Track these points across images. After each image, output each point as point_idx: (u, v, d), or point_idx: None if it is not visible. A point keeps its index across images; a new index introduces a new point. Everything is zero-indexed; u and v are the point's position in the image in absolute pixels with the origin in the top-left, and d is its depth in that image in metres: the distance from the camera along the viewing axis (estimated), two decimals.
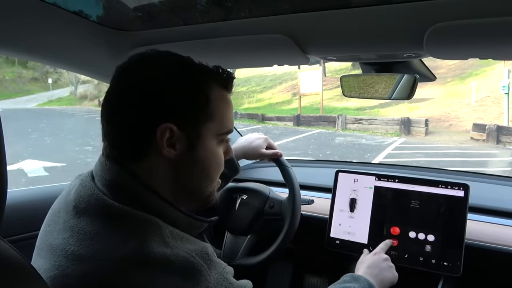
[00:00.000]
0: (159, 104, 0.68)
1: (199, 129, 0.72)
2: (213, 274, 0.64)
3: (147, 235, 0.63)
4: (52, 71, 26.10)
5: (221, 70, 0.76)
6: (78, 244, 0.65)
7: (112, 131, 0.71)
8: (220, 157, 0.77)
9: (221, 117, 0.75)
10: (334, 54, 1.06)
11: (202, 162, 0.73)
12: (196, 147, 0.72)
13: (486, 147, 9.34)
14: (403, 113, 12.66)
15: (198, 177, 0.75)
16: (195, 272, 0.63)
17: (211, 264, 0.66)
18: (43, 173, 7.34)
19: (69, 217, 0.69)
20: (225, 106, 0.76)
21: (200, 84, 0.72)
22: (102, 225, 0.65)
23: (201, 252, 0.66)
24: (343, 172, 1.39)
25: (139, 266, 0.61)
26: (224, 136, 0.77)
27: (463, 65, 15.87)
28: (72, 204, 0.70)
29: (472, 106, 12.45)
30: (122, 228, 0.64)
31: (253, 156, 1.35)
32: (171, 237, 0.65)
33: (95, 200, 0.67)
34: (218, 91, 0.75)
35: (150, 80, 0.69)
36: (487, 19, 0.71)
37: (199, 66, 0.75)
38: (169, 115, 0.68)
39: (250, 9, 0.86)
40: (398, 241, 1.25)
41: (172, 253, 0.62)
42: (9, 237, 1.21)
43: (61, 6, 0.90)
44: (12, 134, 11.62)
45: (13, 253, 0.54)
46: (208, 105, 0.72)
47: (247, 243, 1.31)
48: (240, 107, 17.67)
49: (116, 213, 0.65)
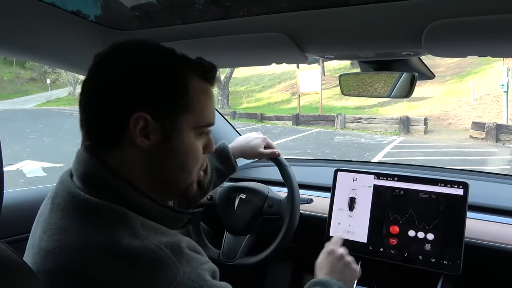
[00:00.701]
0: (134, 92, 0.67)
1: (176, 120, 0.70)
2: (183, 267, 0.62)
3: (116, 227, 0.63)
4: (51, 71, 26.08)
5: (203, 61, 0.75)
6: (49, 239, 0.65)
7: (87, 120, 0.70)
8: (197, 150, 0.75)
9: (200, 109, 0.73)
10: (332, 53, 1.05)
11: (178, 154, 0.72)
12: (172, 138, 0.70)
13: (485, 145, 9.35)
14: (402, 112, 12.67)
15: (173, 169, 0.73)
16: (162, 264, 0.61)
17: (182, 257, 0.64)
18: (41, 173, 7.32)
19: (47, 213, 0.70)
20: (205, 98, 0.75)
21: (178, 75, 0.71)
22: (72, 219, 0.65)
23: (172, 245, 0.64)
24: (342, 171, 1.39)
25: (105, 259, 0.61)
26: (203, 129, 0.75)
27: (462, 64, 15.89)
28: (50, 200, 0.71)
29: (471, 104, 12.46)
30: (91, 222, 0.64)
31: (251, 155, 1.35)
32: (143, 228, 0.65)
33: (68, 194, 0.68)
34: (198, 83, 0.73)
35: (126, 69, 0.68)
36: (485, 16, 0.71)
37: (180, 57, 0.73)
38: (143, 104, 0.67)
39: (248, 7, 0.86)
40: (397, 240, 1.25)
41: (140, 245, 0.62)
42: (6, 238, 1.21)
43: (59, 6, 0.89)
44: (11, 134, 11.61)
45: (10, 253, 0.54)
46: (186, 97, 0.71)
47: (246, 243, 1.31)
48: (239, 107, 17.67)
49: (87, 207, 0.65)
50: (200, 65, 0.74)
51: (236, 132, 1.90)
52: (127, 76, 0.68)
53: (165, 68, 0.70)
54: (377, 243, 1.28)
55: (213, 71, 0.76)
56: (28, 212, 0.75)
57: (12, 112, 19.25)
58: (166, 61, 0.71)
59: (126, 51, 0.71)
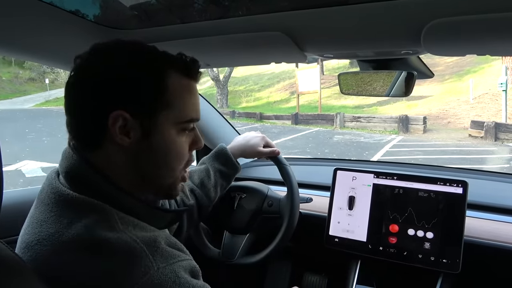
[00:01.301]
0: (111, 92, 0.69)
1: (155, 117, 0.71)
2: (158, 262, 0.63)
3: (92, 220, 0.64)
4: (49, 71, 26.03)
5: (184, 57, 0.75)
6: (30, 232, 0.68)
7: (71, 121, 0.72)
8: (180, 146, 0.75)
9: (180, 106, 0.73)
10: (332, 52, 1.05)
11: (159, 151, 0.73)
12: (152, 135, 0.71)
13: (484, 144, 9.35)
14: (401, 111, 12.67)
15: (155, 166, 0.74)
16: (136, 257, 0.62)
17: (157, 252, 0.64)
18: (40, 173, 7.31)
19: (32, 209, 0.73)
20: (186, 94, 0.75)
21: (156, 72, 0.71)
22: (51, 212, 0.67)
23: (148, 239, 0.65)
24: (341, 170, 1.39)
25: (80, 249, 0.62)
26: (186, 125, 0.75)
27: (461, 63, 15.90)
28: (37, 198, 0.73)
29: (470, 103, 12.46)
30: (69, 214, 0.66)
31: (250, 155, 1.35)
32: (121, 222, 0.66)
33: (51, 189, 0.70)
34: (179, 79, 0.73)
35: (103, 70, 0.69)
36: (484, 15, 0.71)
37: (160, 55, 0.74)
38: (121, 103, 0.68)
39: (247, 6, 0.86)
40: (397, 239, 1.25)
41: (114, 237, 0.63)
42: (6, 238, 1.21)
43: (57, 6, 0.89)
44: (10, 134, 11.60)
45: (9, 252, 0.54)
46: (165, 94, 0.71)
47: (245, 242, 1.31)
48: (238, 106, 17.66)
49: (66, 200, 0.67)
50: (181, 61, 0.74)
51: (235, 131, 1.90)
52: (104, 77, 0.69)
53: (143, 67, 0.71)
54: (376, 242, 1.28)
55: (195, 66, 0.76)
56: (27, 212, 0.75)
57: (11, 112, 19.22)
58: (144, 59, 0.72)
59: (104, 52, 0.72)
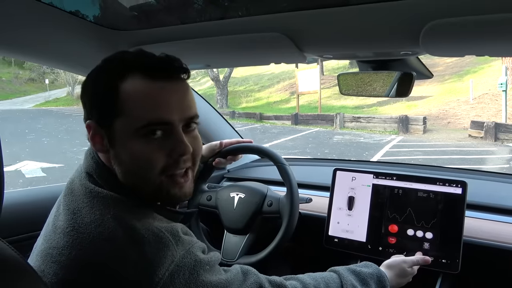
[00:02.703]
0: (84, 102, 0.75)
1: (113, 126, 0.71)
2: (179, 250, 0.68)
3: (119, 212, 0.70)
4: (49, 71, 26.04)
5: (142, 57, 0.72)
6: (64, 219, 0.72)
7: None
8: (146, 154, 0.70)
9: (136, 111, 0.69)
10: (331, 52, 1.06)
11: (124, 162, 0.72)
12: (116, 145, 0.72)
13: (484, 144, 9.35)
14: (401, 111, 12.67)
15: (130, 175, 0.74)
16: (164, 246, 0.67)
17: (179, 241, 0.70)
18: (40, 174, 7.31)
19: (61, 197, 0.79)
20: (142, 96, 0.69)
21: (108, 79, 0.71)
22: (83, 203, 0.72)
23: (171, 229, 0.70)
24: (341, 170, 1.39)
25: (113, 239, 0.67)
26: (146, 130, 0.70)
27: (461, 63, 15.90)
28: (67, 187, 0.79)
29: (470, 103, 12.46)
30: (99, 206, 0.71)
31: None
32: (142, 214, 0.71)
33: (79, 181, 0.76)
34: (134, 82, 0.70)
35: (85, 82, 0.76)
36: (483, 16, 0.71)
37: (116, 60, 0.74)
38: (90, 112, 0.74)
39: (247, 7, 0.86)
40: (396, 239, 1.25)
41: (143, 227, 0.68)
42: (7, 238, 1.21)
43: (57, 6, 0.89)
44: (9, 135, 11.59)
45: (11, 252, 0.55)
46: (117, 100, 0.70)
47: (245, 242, 1.31)
48: (238, 106, 17.66)
49: (93, 193, 0.72)
50: (144, 62, 0.72)
51: (235, 131, 1.90)
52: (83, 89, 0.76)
53: (99, 75, 0.74)
54: (376, 242, 1.28)
55: (157, 65, 0.71)
56: (28, 212, 0.76)
57: (11, 112, 19.22)
58: (102, 68, 0.75)
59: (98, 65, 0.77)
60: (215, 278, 0.71)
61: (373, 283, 0.96)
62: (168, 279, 0.65)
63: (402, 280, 1.08)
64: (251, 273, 0.79)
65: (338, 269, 0.97)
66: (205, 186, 1.42)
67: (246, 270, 0.79)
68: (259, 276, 0.80)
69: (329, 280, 0.92)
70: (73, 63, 1.26)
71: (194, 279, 0.67)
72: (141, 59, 0.72)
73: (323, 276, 0.94)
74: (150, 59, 0.72)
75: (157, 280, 0.64)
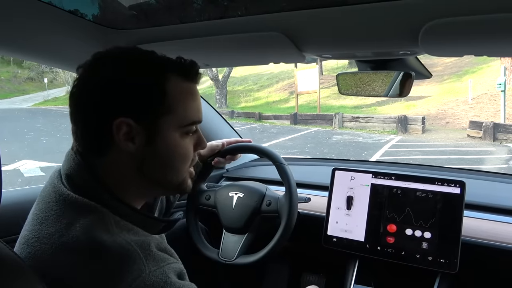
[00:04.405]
0: (114, 100, 0.70)
1: (157, 123, 0.72)
2: (150, 266, 0.64)
3: (89, 222, 0.66)
4: (48, 70, 26.00)
5: (183, 60, 0.76)
6: (30, 229, 0.70)
7: (77, 130, 0.73)
8: (184, 148, 0.77)
9: (181, 110, 0.74)
10: (330, 52, 1.06)
11: (163, 155, 0.74)
12: (156, 140, 0.73)
13: (482, 144, 9.36)
14: (400, 111, 12.69)
15: (161, 169, 0.75)
16: (130, 259, 0.64)
17: (150, 256, 0.66)
18: (39, 173, 7.30)
19: (33, 206, 0.74)
20: (187, 97, 0.76)
21: (155, 78, 0.72)
22: (51, 211, 0.69)
23: (142, 243, 0.67)
24: (339, 170, 1.39)
25: (77, 251, 0.64)
26: (188, 128, 0.77)
27: (460, 63, 15.92)
28: (39, 195, 0.75)
29: (468, 103, 12.48)
30: (68, 215, 0.67)
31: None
32: (116, 225, 0.68)
33: (52, 188, 0.72)
34: (178, 83, 0.74)
35: (105, 78, 0.71)
36: (481, 16, 0.71)
37: (157, 60, 0.75)
38: (124, 109, 0.70)
39: (246, 7, 0.86)
40: (394, 238, 1.25)
41: (110, 239, 0.65)
42: (4, 237, 1.21)
43: (56, 5, 0.89)
44: (8, 134, 11.58)
45: (8, 252, 0.54)
46: (165, 98, 0.72)
47: (244, 242, 1.31)
48: (237, 106, 17.65)
49: (66, 200, 0.69)
50: (180, 64, 0.75)
51: (234, 131, 1.90)
52: (105, 86, 0.70)
53: (141, 74, 0.72)
54: (374, 241, 1.29)
55: (194, 68, 0.77)
56: (26, 212, 0.76)
57: (10, 111, 19.19)
58: (141, 66, 0.73)
59: (104, 61, 0.73)
60: None
61: None
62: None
63: None
64: None
65: None
66: (204, 186, 1.42)
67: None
68: None
69: None
70: (72, 62, 1.26)
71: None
72: (179, 61, 0.76)
73: None
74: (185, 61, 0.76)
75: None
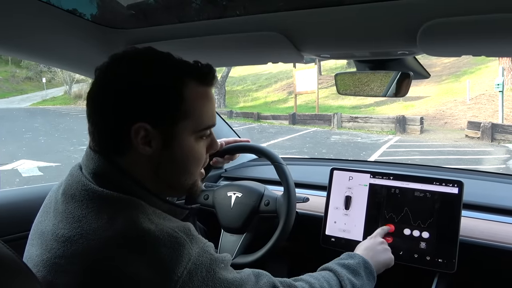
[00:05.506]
0: (132, 104, 0.71)
1: (174, 127, 0.73)
2: (194, 248, 0.69)
3: (132, 214, 0.68)
4: (46, 70, 25.89)
5: (200, 65, 0.76)
6: (67, 227, 0.69)
7: (93, 130, 0.74)
8: (198, 152, 0.78)
9: (198, 114, 0.76)
10: (328, 52, 1.06)
11: (179, 159, 0.76)
12: (173, 144, 0.74)
13: (480, 144, 9.38)
14: (398, 111, 12.70)
15: (176, 173, 0.78)
16: (179, 245, 0.67)
17: (193, 239, 0.70)
18: (37, 173, 7.29)
19: (59, 204, 0.73)
20: (203, 102, 0.77)
21: (173, 83, 0.73)
22: (89, 209, 0.69)
23: (183, 228, 0.70)
24: (338, 170, 1.39)
25: (126, 243, 0.66)
26: (203, 132, 0.78)
27: (458, 63, 15.95)
28: (61, 192, 0.74)
29: (467, 104, 12.50)
30: (107, 210, 0.69)
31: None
32: (154, 215, 0.71)
33: (82, 186, 0.72)
34: (195, 88, 0.75)
35: (122, 81, 0.71)
36: (479, 16, 0.71)
37: (175, 64, 0.75)
38: (142, 115, 0.71)
39: (245, 6, 0.86)
40: (392, 238, 1.25)
41: (156, 229, 0.67)
42: (2, 237, 1.21)
43: (55, 5, 0.89)
44: (6, 133, 11.56)
45: (6, 251, 0.54)
46: (182, 104, 0.73)
47: (242, 242, 1.31)
48: (236, 106, 17.65)
49: (101, 196, 0.70)
50: (197, 69, 0.76)
51: (233, 131, 1.90)
52: (123, 90, 0.71)
53: (159, 79, 0.72)
54: None
55: (211, 73, 0.77)
56: (24, 211, 0.76)
57: (8, 111, 19.15)
58: (159, 70, 0.73)
59: (121, 64, 0.73)
60: (230, 276, 0.72)
61: (362, 272, 1.00)
62: (187, 277, 0.66)
63: (383, 256, 1.11)
64: (263, 274, 0.82)
65: (330, 266, 1.00)
66: (202, 185, 1.42)
67: (258, 272, 0.82)
68: (271, 277, 0.83)
69: (328, 279, 0.95)
70: (71, 62, 1.26)
71: (211, 276, 0.69)
72: (196, 65, 0.76)
73: (322, 275, 0.96)
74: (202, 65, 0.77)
75: (176, 278, 0.65)
